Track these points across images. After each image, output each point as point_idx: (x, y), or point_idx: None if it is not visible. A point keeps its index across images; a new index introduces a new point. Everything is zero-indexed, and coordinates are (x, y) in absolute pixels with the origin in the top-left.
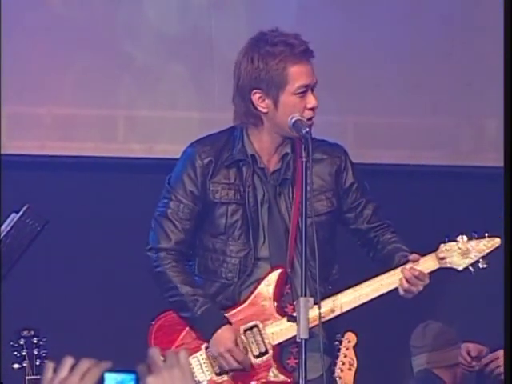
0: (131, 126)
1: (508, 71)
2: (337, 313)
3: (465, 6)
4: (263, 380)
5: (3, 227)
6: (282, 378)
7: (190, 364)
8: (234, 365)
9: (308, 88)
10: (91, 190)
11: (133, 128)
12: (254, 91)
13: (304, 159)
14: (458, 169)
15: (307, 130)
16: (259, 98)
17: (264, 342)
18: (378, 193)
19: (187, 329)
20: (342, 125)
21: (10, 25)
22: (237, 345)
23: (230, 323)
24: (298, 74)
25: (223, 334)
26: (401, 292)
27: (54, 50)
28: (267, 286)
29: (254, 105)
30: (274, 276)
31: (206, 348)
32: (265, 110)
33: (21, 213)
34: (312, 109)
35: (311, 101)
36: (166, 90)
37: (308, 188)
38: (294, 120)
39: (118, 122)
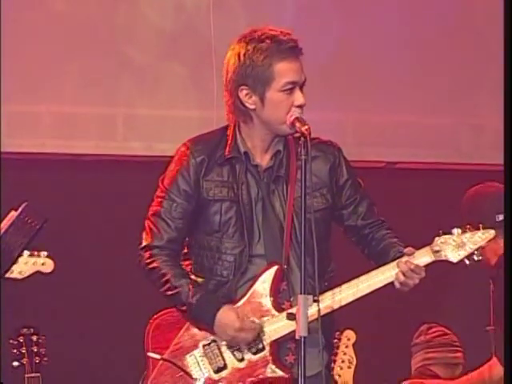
0: (131, 124)
1: (508, 70)
2: (334, 308)
3: (464, 5)
4: (261, 376)
5: (2, 225)
6: (279, 373)
7: None
8: (251, 337)
9: (295, 85)
10: (91, 188)
11: (132, 127)
12: (241, 87)
13: (303, 157)
14: (458, 167)
15: (307, 127)
16: (246, 94)
17: (261, 339)
18: (377, 191)
19: (185, 327)
20: (341, 123)
21: (10, 24)
22: (242, 319)
23: (225, 303)
24: (284, 71)
25: (224, 316)
26: (397, 285)
27: (54, 49)
28: (263, 283)
29: (241, 101)
30: (270, 273)
31: (204, 346)
32: (252, 107)
33: (19, 211)
34: (299, 106)
35: (298, 98)
36: (166, 88)
37: (307, 184)
38: (293, 118)
39: (118, 121)
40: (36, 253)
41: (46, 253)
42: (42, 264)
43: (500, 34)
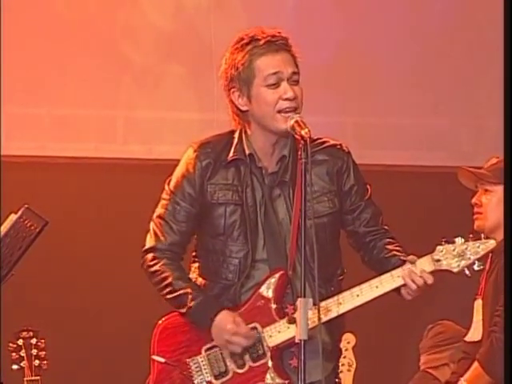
0: (131, 126)
1: (508, 71)
2: (333, 314)
3: (464, 6)
4: (260, 383)
5: (2, 228)
6: (278, 380)
7: None
8: (244, 344)
9: (279, 78)
10: (91, 191)
11: (132, 129)
12: (232, 90)
13: (303, 160)
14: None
15: (306, 131)
16: (238, 96)
17: (262, 345)
18: (378, 194)
19: (190, 331)
20: (342, 125)
21: (11, 26)
22: (238, 324)
23: (225, 308)
24: (263, 66)
25: (221, 321)
26: (406, 296)
27: (54, 51)
28: (267, 289)
29: (235, 105)
30: (275, 278)
31: (206, 350)
32: (245, 108)
33: (19, 214)
34: (287, 99)
35: (286, 91)
36: (166, 90)
37: (308, 189)
38: (292, 121)
39: (118, 123)
40: None
41: None
42: None
43: (500, 34)
